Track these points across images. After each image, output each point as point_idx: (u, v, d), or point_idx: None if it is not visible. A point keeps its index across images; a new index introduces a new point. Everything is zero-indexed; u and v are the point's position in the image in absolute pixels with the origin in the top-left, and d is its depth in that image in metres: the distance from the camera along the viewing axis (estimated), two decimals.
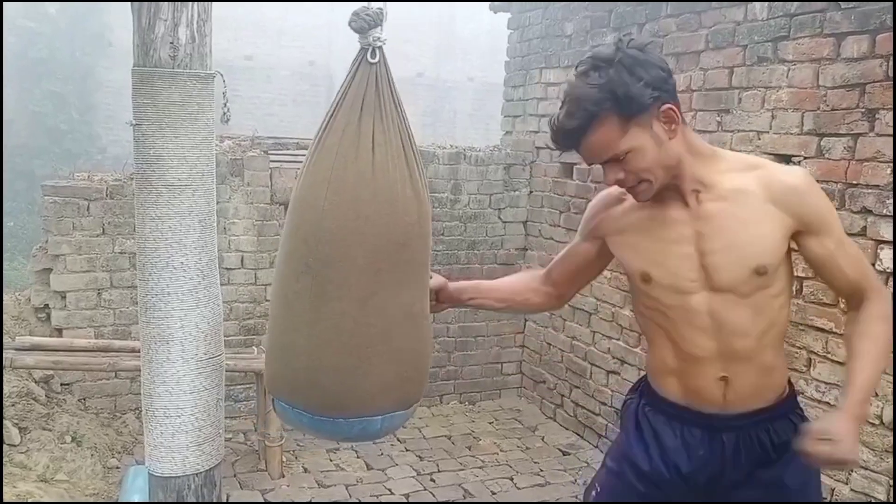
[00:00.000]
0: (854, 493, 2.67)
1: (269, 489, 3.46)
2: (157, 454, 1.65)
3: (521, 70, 4.73)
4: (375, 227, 1.51)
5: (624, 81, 1.46)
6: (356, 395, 1.58)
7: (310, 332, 1.55)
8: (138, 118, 1.56)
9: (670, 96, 1.51)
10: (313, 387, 1.57)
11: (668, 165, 1.54)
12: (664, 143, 1.52)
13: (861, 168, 2.64)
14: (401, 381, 1.63)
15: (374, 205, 1.50)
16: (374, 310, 1.54)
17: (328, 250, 1.51)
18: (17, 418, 3.25)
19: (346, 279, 1.52)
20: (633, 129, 1.49)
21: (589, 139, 1.52)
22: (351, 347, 1.55)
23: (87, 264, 3.83)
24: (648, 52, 1.51)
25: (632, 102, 1.46)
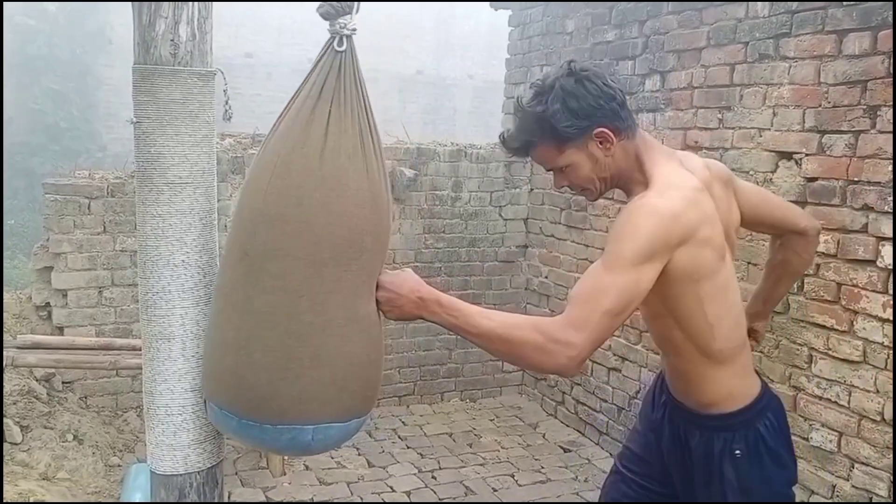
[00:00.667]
0: (855, 489, 2.68)
1: (271, 487, 3.46)
2: (159, 452, 1.64)
3: (521, 67, 4.72)
4: (319, 217, 1.41)
5: (555, 114, 1.61)
6: (285, 398, 1.46)
7: (241, 324, 1.45)
8: (139, 116, 1.56)
9: (607, 120, 1.63)
10: (241, 386, 1.47)
11: (604, 177, 1.70)
12: (600, 160, 1.67)
13: (862, 165, 2.63)
14: (337, 389, 1.49)
15: (319, 192, 1.41)
16: (313, 306, 1.44)
17: (267, 237, 1.42)
18: (19, 417, 3.25)
19: (284, 270, 1.42)
20: (568, 150, 1.66)
21: (532, 155, 1.72)
22: (282, 345, 1.44)
23: (88, 262, 3.83)
24: (586, 82, 1.62)
25: (560, 134, 1.63)
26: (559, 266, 4.43)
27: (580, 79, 1.62)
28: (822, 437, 2.80)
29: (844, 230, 2.69)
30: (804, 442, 2.86)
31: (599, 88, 1.63)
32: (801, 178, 2.86)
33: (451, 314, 1.52)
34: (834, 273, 2.74)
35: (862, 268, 2.65)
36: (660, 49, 3.58)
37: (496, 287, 4.71)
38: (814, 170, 2.81)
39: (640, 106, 3.67)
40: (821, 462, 2.81)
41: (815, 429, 2.83)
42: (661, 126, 3.58)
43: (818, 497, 2.81)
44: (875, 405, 2.60)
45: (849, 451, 2.71)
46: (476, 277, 4.65)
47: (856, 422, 2.68)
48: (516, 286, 4.75)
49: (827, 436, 2.78)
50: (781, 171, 2.95)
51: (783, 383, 2.95)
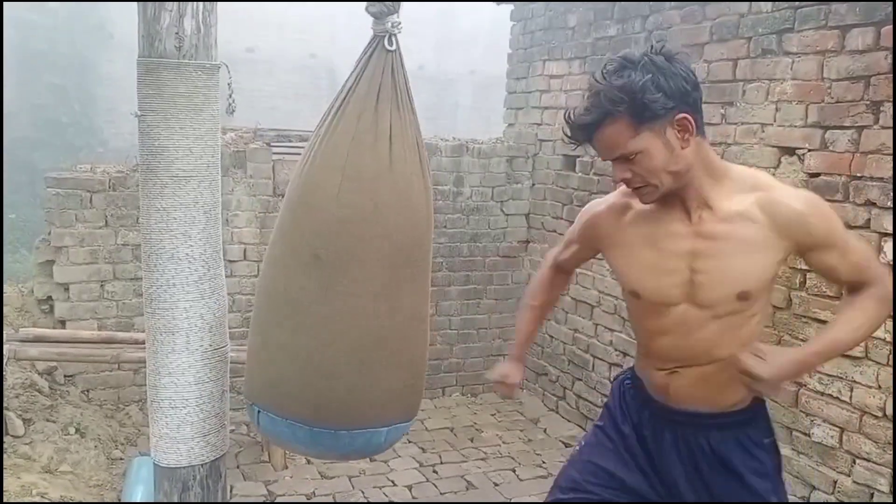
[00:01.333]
0: (856, 484, 2.68)
1: (273, 480, 3.47)
2: (163, 445, 1.65)
3: (523, 62, 4.72)
4: (393, 220, 1.45)
5: (643, 86, 1.49)
6: (364, 402, 1.48)
7: (315, 331, 1.44)
8: (143, 109, 1.56)
9: (689, 107, 1.54)
10: (316, 394, 1.46)
11: (675, 172, 1.57)
12: (675, 151, 1.55)
13: (865, 160, 2.63)
14: (409, 389, 1.55)
15: (391, 196, 1.44)
16: (390, 309, 1.47)
17: (344, 241, 1.43)
18: (21, 410, 3.26)
19: (363, 273, 1.43)
20: (644, 133, 1.53)
21: (601, 135, 1.57)
22: (361, 348, 1.45)
23: (90, 256, 3.83)
24: (675, 62, 1.54)
25: (645, 108, 1.50)
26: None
27: (670, 58, 1.54)
28: (823, 433, 2.80)
29: (847, 226, 2.67)
30: (805, 437, 2.87)
31: (688, 73, 1.55)
32: (804, 173, 2.86)
33: (825, 357, 1.69)
34: None
35: None
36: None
37: (497, 282, 4.71)
38: (816, 165, 2.81)
39: None
40: (822, 457, 2.81)
41: (817, 424, 2.83)
42: None
43: (819, 493, 2.82)
44: (876, 401, 2.61)
45: (850, 447, 2.71)
46: (477, 272, 4.65)
47: (857, 417, 2.68)
48: (518, 281, 4.75)
49: (828, 431, 2.79)
50: (784, 166, 2.95)
51: None
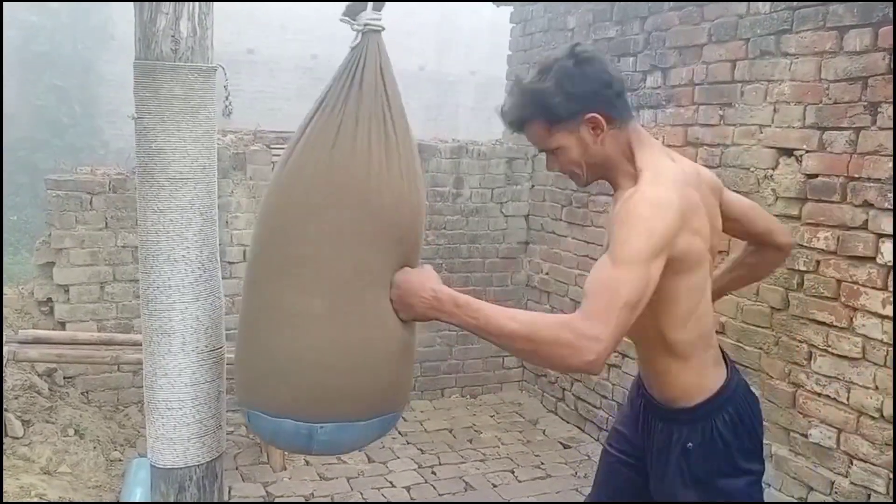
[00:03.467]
0: (854, 486, 2.68)
1: (271, 482, 3.47)
2: (159, 446, 1.65)
3: (523, 64, 4.72)
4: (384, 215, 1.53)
5: (551, 93, 1.61)
6: (389, 391, 1.56)
7: (351, 328, 1.46)
8: (140, 111, 1.56)
9: (600, 106, 1.63)
10: (353, 390, 1.48)
11: (593, 164, 1.70)
12: (589, 146, 1.67)
13: (863, 162, 2.63)
14: (412, 375, 1.70)
15: (373, 193, 1.53)
16: (373, 301, 1.56)
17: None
18: (21, 411, 3.26)
19: (382, 262, 1.51)
20: (558, 132, 1.66)
21: (525, 132, 1.73)
22: (390, 341, 1.54)
23: (90, 258, 3.84)
24: (587, 65, 1.63)
25: (551, 113, 1.63)
26: (560, 263, 4.43)
27: (580, 62, 1.63)
28: (821, 434, 2.80)
29: (844, 227, 2.69)
30: (803, 438, 2.87)
31: (598, 74, 1.63)
32: (802, 174, 2.86)
33: (470, 315, 1.47)
34: (834, 270, 2.74)
35: (862, 264, 2.65)
36: (661, 46, 3.58)
37: (497, 283, 4.72)
38: (814, 166, 2.81)
39: (642, 102, 3.68)
40: (819, 459, 2.81)
41: (815, 425, 2.83)
42: (662, 123, 3.58)
43: (817, 494, 2.82)
44: (874, 402, 2.61)
45: (848, 448, 2.71)
46: (477, 274, 4.66)
47: (855, 418, 2.68)
48: (517, 283, 4.76)
49: (826, 432, 2.79)
50: (782, 167, 2.95)
51: (782, 380, 2.95)
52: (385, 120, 1.51)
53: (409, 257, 1.57)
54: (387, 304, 1.51)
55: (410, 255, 1.57)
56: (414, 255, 1.59)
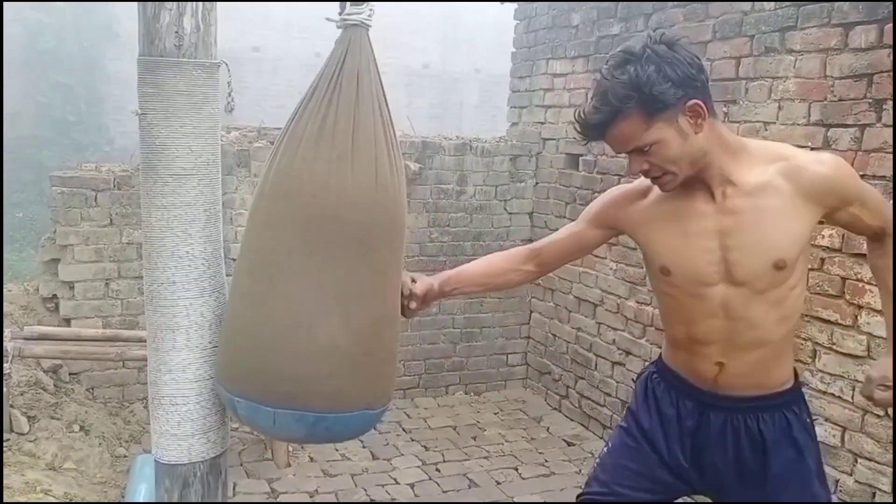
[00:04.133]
0: (858, 484, 2.68)
1: (276, 478, 3.48)
2: (163, 442, 1.66)
3: (527, 61, 4.72)
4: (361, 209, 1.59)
5: (649, 79, 1.48)
6: (391, 379, 1.65)
7: (375, 318, 1.57)
8: (144, 108, 1.56)
9: (698, 92, 1.53)
10: (383, 377, 1.59)
11: (693, 158, 1.57)
12: (689, 137, 1.54)
13: (868, 159, 2.62)
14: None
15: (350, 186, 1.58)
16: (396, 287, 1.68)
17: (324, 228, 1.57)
18: (26, 407, 3.28)
19: (392, 253, 1.62)
20: (657, 124, 1.52)
21: (613, 132, 1.56)
22: (396, 329, 1.64)
23: (95, 255, 3.85)
24: (677, 49, 1.53)
25: (655, 100, 1.49)
26: None
27: (671, 45, 1.52)
28: (825, 432, 2.80)
29: None
30: None
31: (691, 58, 1.53)
32: None
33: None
34: (839, 267, 2.73)
35: (866, 262, 2.64)
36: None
37: None
38: None
39: None
40: (824, 457, 2.78)
41: (819, 423, 2.82)
42: None
43: None
44: None
45: (852, 446, 2.71)
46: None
47: (859, 417, 2.68)
48: None
49: (830, 430, 2.78)
50: None
51: None
52: (325, 117, 1.50)
53: (370, 256, 1.52)
54: (296, 290, 1.48)
55: (369, 253, 1.52)
56: (374, 254, 1.53)
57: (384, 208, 1.51)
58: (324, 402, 1.49)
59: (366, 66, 1.52)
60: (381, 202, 1.50)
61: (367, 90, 1.51)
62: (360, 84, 1.51)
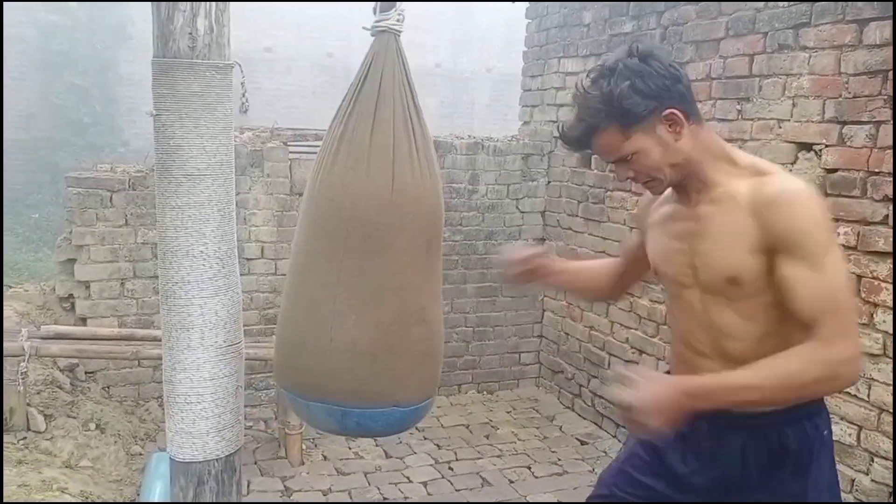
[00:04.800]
0: (875, 483, 2.66)
1: (289, 476, 3.50)
2: (178, 440, 1.67)
3: (539, 60, 4.71)
4: (411, 210, 1.69)
5: (621, 94, 1.51)
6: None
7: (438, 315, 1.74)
8: (158, 109, 1.58)
9: (674, 101, 1.55)
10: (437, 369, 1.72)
11: (675, 164, 1.58)
12: (670, 145, 1.57)
13: (883, 156, 2.60)
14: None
15: (410, 189, 1.68)
16: (419, 284, 1.74)
17: (371, 229, 1.67)
18: (43, 406, 3.31)
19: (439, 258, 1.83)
20: (635, 135, 1.55)
21: (595, 143, 1.60)
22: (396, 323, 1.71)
23: (111, 255, 3.88)
24: (651, 61, 1.55)
25: (628, 113, 1.53)
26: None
27: (644, 58, 1.55)
28: (841, 431, 2.78)
29: (865, 222, 2.66)
30: None
31: (665, 68, 1.55)
32: (822, 169, 2.83)
33: (722, 398, 1.47)
34: (854, 265, 2.71)
35: (882, 260, 2.62)
36: (678, 40, 3.55)
37: None
38: (834, 161, 2.79)
39: None
40: (840, 456, 2.79)
41: (835, 422, 2.80)
42: None
43: None
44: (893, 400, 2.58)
45: (868, 445, 2.69)
46: (493, 270, 4.65)
47: (875, 415, 2.66)
48: None
49: (846, 429, 2.76)
50: (801, 162, 2.92)
51: None
52: (347, 123, 1.58)
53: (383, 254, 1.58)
54: (318, 289, 1.60)
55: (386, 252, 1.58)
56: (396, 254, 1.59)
57: (402, 209, 1.56)
58: (348, 396, 1.58)
59: (389, 72, 1.57)
60: (399, 203, 1.55)
61: (389, 96, 1.56)
62: (381, 90, 1.56)
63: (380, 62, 1.57)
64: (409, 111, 1.56)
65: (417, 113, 1.59)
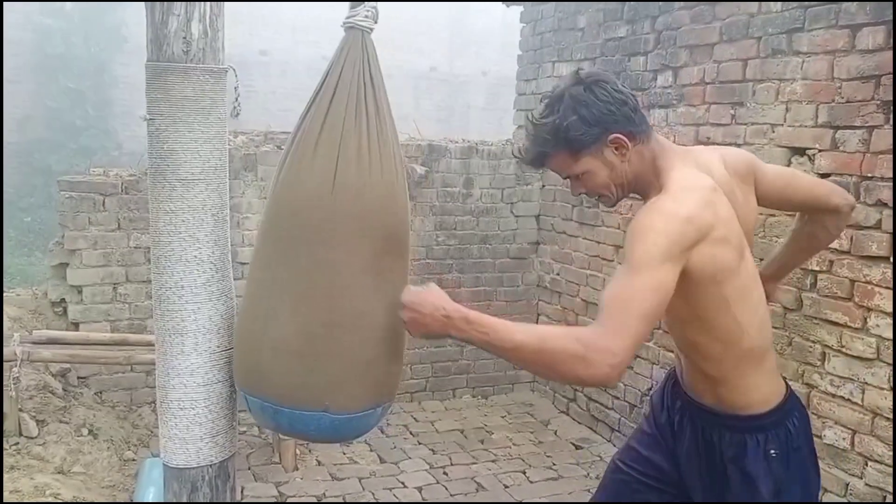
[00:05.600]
0: (869, 487, 2.66)
1: (283, 482, 3.48)
2: (172, 445, 1.67)
3: (533, 63, 4.72)
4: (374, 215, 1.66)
5: (567, 125, 1.60)
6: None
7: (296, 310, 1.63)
8: (152, 113, 1.58)
9: (619, 126, 1.62)
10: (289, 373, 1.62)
11: (623, 182, 1.68)
12: (616, 166, 1.66)
13: (876, 161, 2.61)
14: None
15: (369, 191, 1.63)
16: (371, 287, 1.69)
17: (325, 228, 1.64)
18: (35, 411, 3.29)
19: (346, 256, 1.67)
20: (583, 157, 1.65)
21: (548, 165, 1.72)
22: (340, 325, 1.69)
23: (103, 259, 3.87)
24: (595, 89, 1.62)
25: (573, 141, 1.62)
26: (571, 263, 4.42)
27: (589, 86, 1.62)
28: (835, 435, 2.78)
29: (858, 226, 2.67)
30: (817, 440, 2.83)
31: (609, 94, 1.62)
32: (815, 173, 2.84)
33: (480, 331, 1.50)
34: (847, 270, 2.72)
35: (875, 264, 2.63)
36: (672, 45, 3.56)
37: (508, 284, 4.71)
38: (827, 165, 2.79)
39: (652, 102, 3.66)
40: (834, 460, 2.79)
41: (829, 426, 2.81)
42: (673, 122, 3.56)
43: (831, 495, 2.80)
44: (889, 402, 2.58)
45: (862, 449, 2.69)
46: (488, 274, 4.66)
47: (869, 419, 2.66)
48: (528, 283, 4.75)
49: (840, 433, 2.77)
50: (795, 167, 2.93)
51: (796, 380, 2.93)
52: (303, 120, 1.57)
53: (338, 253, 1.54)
54: (256, 285, 1.61)
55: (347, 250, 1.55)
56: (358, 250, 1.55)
57: (340, 207, 1.50)
58: (278, 395, 1.56)
59: (350, 68, 1.53)
60: (339, 201, 1.50)
61: (344, 92, 1.53)
62: (338, 87, 1.53)
63: (342, 59, 1.54)
64: (365, 107, 1.52)
65: (377, 109, 1.54)
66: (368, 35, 1.56)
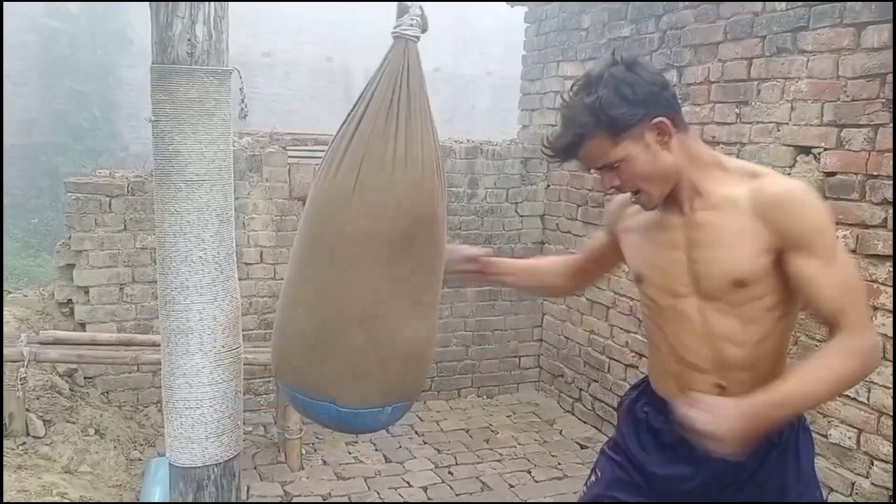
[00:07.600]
0: (874, 486, 2.65)
1: (289, 481, 3.49)
2: (177, 445, 1.67)
3: (538, 63, 4.72)
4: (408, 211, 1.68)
5: (609, 102, 1.51)
6: None
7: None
8: (157, 115, 1.58)
9: (662, 109, 1.54)
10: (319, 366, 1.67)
11: (664, 173, 1.57)
12: (657, 154, 1.55)
13: (882, 159, 2.61)
14: None
15: (406, 190, 1.66)
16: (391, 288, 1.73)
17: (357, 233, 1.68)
18: (42, 411, 3.31)
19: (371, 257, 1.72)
20: (623, 142, 1.54)
21: (582, 152, 1.59)
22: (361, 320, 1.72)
23: (110, 260, 3.88)
24: (637, 69, 1.55)
25: (616, 122, 1.52)
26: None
27: (630, 65, 1.54)
28: (841, 434, 2.78)
29: (863, 225, 2.67)
30: (823, 439, 2.84)
31: (652, 76, 1.55)
32: (820, 172, 2.84)
33: (784, 410, 1.50)
34: None
35: (881, 263, 2.62)
36: (676, 44, 3.56)
37: None
38: (832, 164, 2.79)
39: None
40: (840, 459, 2.79)
41: (834, 426, 2.80)
42: None
43: (837, 495, 2.79)
44: None
45: (868, 449, 2.68)
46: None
47: (875, 418, 2.66)
48: None
49: (846, 433, 2.76)
50: (800, 165, 2.93)
51: None
52: (341, 126, 1.60)
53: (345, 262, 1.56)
54: (287, 280, 1.68)
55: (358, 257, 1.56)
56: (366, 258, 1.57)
57: (358, 207, 1.54)
58: (294, 381, 1.65)
59: (387, 77, 1.57)
60: (358, 201, 1.54)
61: (378, 99, 1.56)
62: (374, 94, 1.57)
63: (383, 67, 1.58)
64: (397, 113, 1.54)
65: (408, 115, 1.56)
66: (414, 43, 1.58)
